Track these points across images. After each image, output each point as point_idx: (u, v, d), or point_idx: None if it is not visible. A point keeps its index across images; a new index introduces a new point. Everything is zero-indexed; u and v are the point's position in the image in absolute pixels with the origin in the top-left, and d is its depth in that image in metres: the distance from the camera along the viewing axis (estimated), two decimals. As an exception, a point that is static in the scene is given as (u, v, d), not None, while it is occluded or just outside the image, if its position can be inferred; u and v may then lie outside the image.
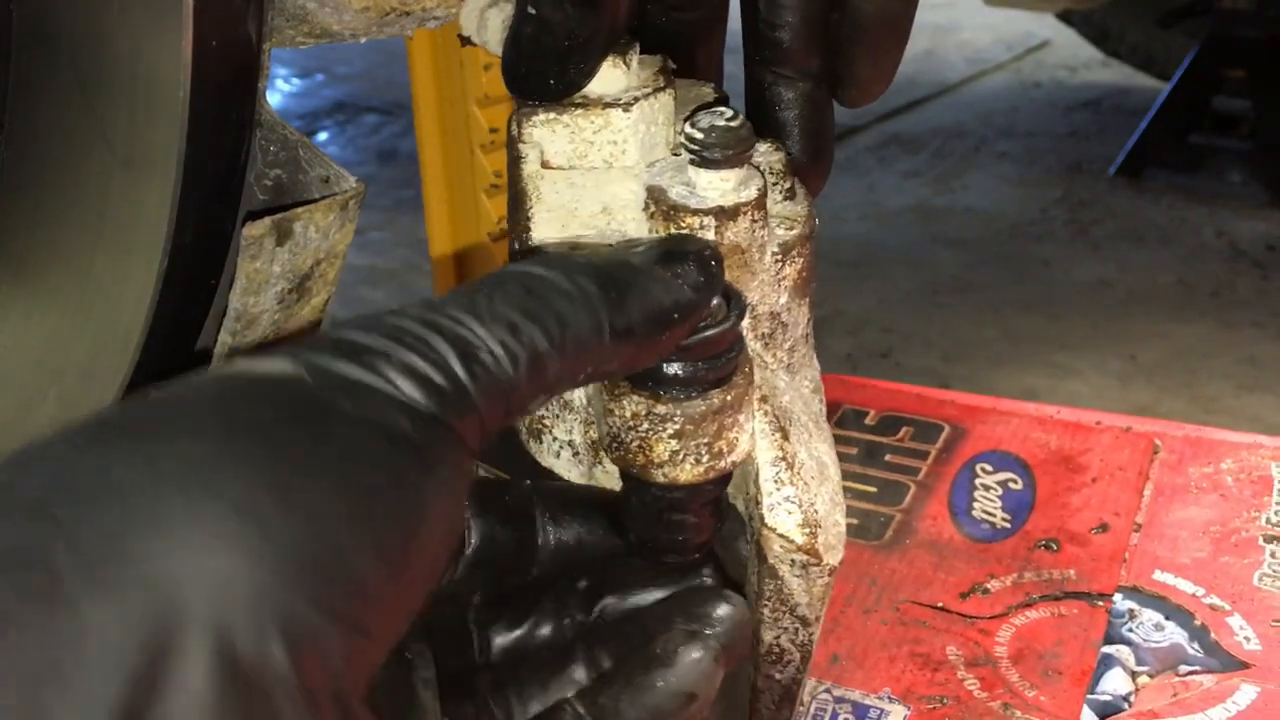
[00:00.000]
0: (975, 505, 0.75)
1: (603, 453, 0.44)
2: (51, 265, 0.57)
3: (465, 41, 0.50)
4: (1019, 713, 0.59)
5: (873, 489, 0.76)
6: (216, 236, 0.53)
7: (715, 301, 0.39)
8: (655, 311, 0.37)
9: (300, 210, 0.54)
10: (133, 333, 0.53)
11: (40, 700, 0.24)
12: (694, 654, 0.39)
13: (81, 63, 0.53)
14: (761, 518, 0.43)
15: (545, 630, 0.43)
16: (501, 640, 0.43)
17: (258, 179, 0.54)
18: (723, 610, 0.40)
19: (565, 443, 0.47)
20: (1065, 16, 3.29)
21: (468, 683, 0.41)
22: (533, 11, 0.43)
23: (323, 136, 3.25)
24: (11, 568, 0.25)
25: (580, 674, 0.41)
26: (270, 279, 0.55)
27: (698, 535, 0.42)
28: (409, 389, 0.31)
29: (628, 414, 0.40)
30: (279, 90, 3.55)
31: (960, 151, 3.12)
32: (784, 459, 0.43)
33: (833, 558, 0.44)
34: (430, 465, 0.31)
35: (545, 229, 0.46)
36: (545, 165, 0.45)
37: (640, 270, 0.38)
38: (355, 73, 3.70)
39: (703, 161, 0.42)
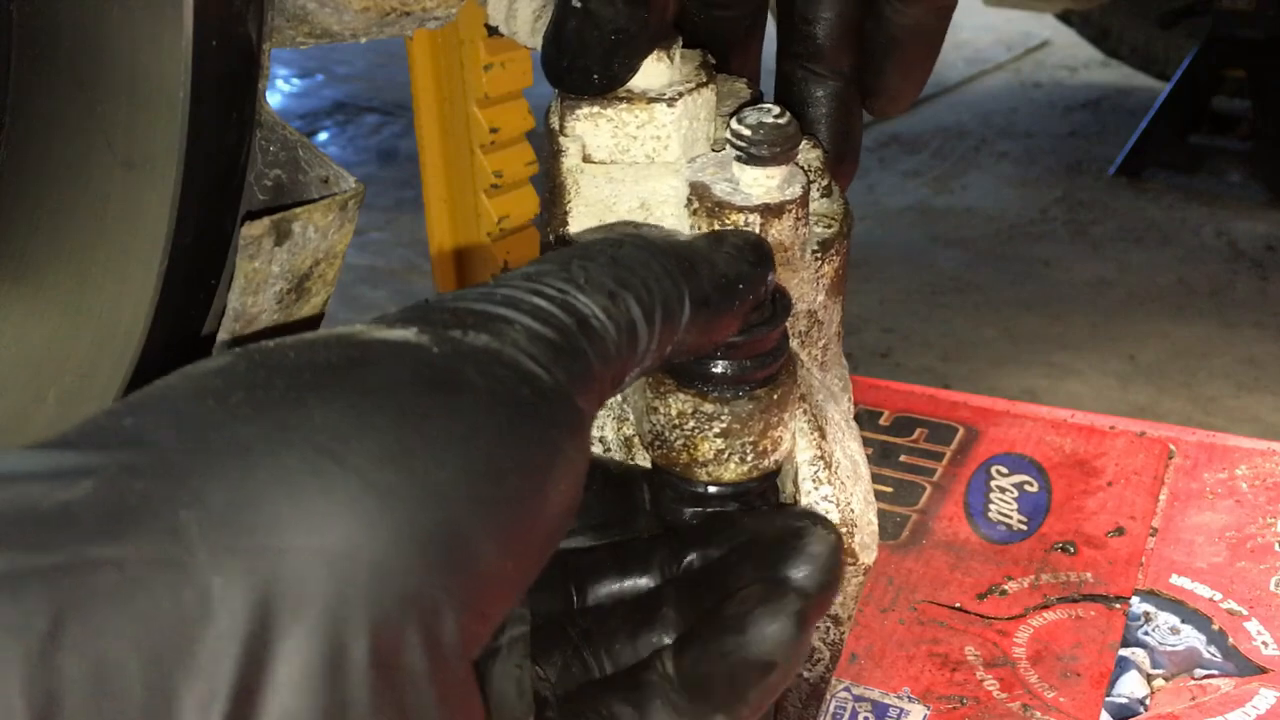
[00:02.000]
0: (991, 507, 0.74)
1: (639, 449, 0.43)
2: (51, 265, 0.56)
3: (493, 31, 0.49)
4: (1039, 713, 0.59)
5: (888, 489, 0.76)
6: (216, 236, 0.52)
7: (770, 278, 0.38)
8: (724, 283, 0.36)
9: (300, 210, 0.54)
10: (133, 332, 0.52)
11: (166, 680, 0.24)
12: (770, 623, 0.36)
13: (81, 63, 0.52)
14: None
15: (641, 581, 0.41)
16: (596, 591, 0.41)
17: (258, 179, 0.54)
18: (809, 554, 0.37)
19: (597, 439, 0.46)
20: (1065, 16, 3.29)
21: (560, 630, 0.40)
22: (578, 4, 0.42)
23: (323, 136, 3.25)
24: (141, 528, 0.24)
25: (671, 620, 0.39)
26: (269, 279, 0.54)
27: None
28: (539, 355, 0.30)
29: (674, 412, 0.40)
30: (279, 90, 3.55)
31: (960, 151, 3.12)
32: (822, 458, 0.43)
33: (867, 557, 0.44)
34: (557, 445, 0.30)
35: (583, 223, 0.46)
36: (587, 159, 0.44)
37: (699, 246, 0.37)
38: (355, 73, 3.69)
39: (750, 158, 0.42)
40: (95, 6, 0.51)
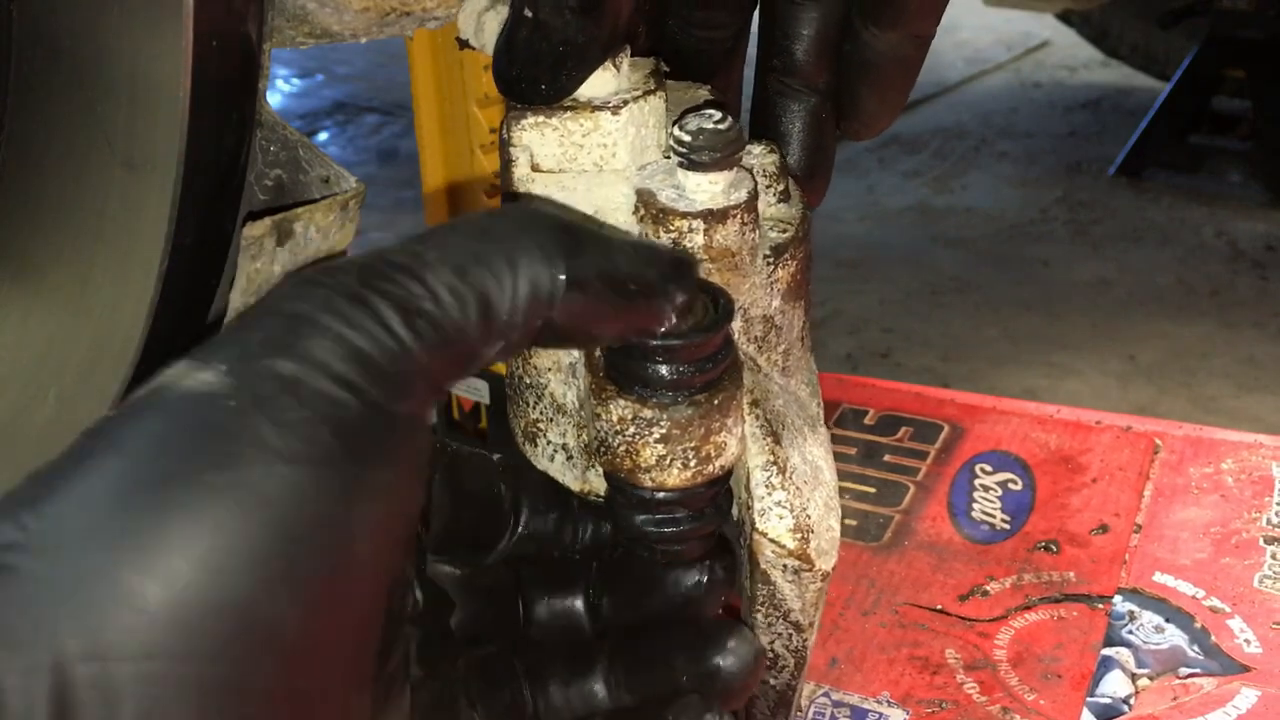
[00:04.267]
0: (975, 506, 0.74)
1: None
2: (52, 265, 0.57)
3: (463, 45, 0.50)
4: (1018, 716, 0.59)
5: (871, 489, 0.76)
6: (217, 236, 0.53)
7: (679, 299, 0.38)
8: (611, 272, 0.36)
9: (301, 210, 0.54)
10: (133, 333, 0.53)
11: None
12: None
13: (81, 63, 0.53)
14: (753, 522, 0.43)
15: (576, 601, 0.43)
16: (541, 610, 0.43)
17: (258, 179, 0.54)
18: (733, 663, 0.40)
19: (559, 446, 0.46)
20: (1065, 16, 3.29)
21: (508, 665, 0.42)
22: (529, 14, 0.42)
23: (323, 136, 3.26)
24: None
25: (599, 686, 0.42)
26: (271, 279, 0.55)
27: (691, 535, 0.42)
28: (348, 374, 0.30)
29: (615, 418, 0.40)
30: (279, 90, 3.56)
31: (960, 151, 3.12)
32: (775, 463, 0.43)
33: (825, 563, 0.43)
34: (363, 479, 0.30)
35: None
36: (535, 169, 0.45)
37: (607, 236, 0.37)
38: (355, 73, 3.70)
39: (691, 164, 0.42)
40: (95, 7, 0.51)
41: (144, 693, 0.27)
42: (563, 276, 0.34)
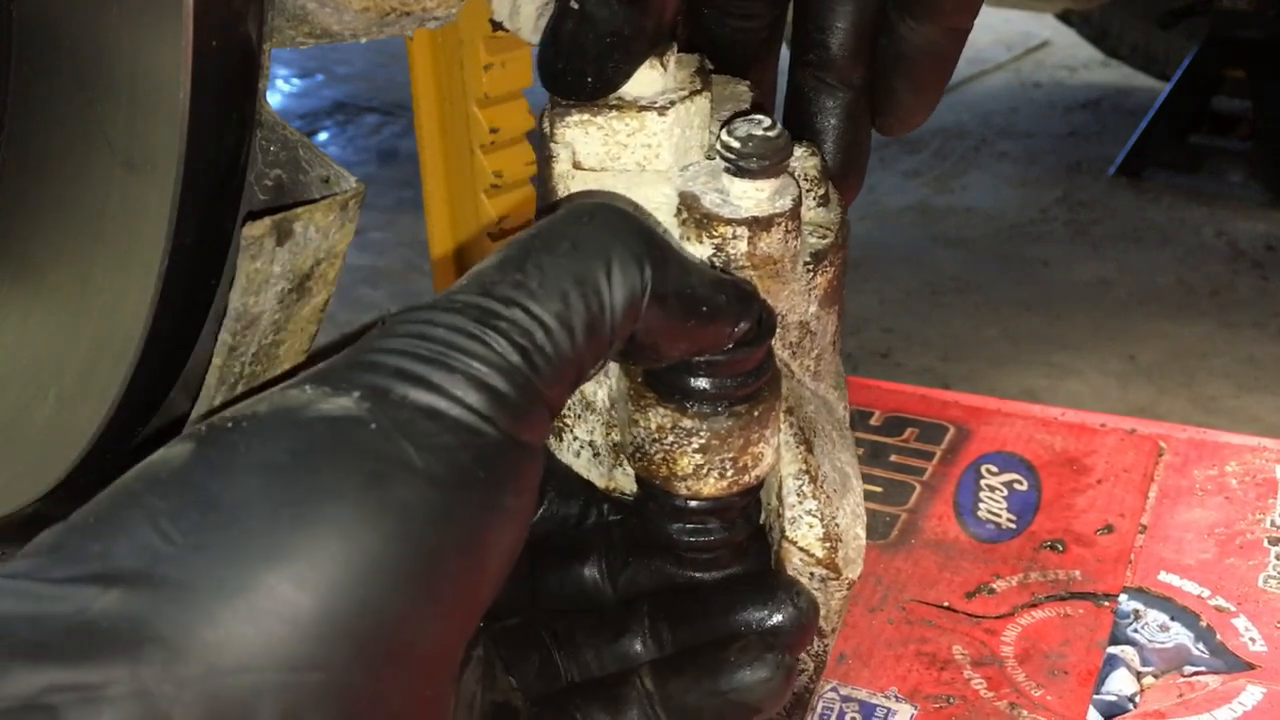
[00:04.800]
0: (981, 506, 0.74)
1: (624, 459, 0.44)
2: (51, 265, 0.57)
3: (497, 27, 0.49)
4: (1025, 712, 0.59)
5: (878, 489, 0.76)
6: (217, 236, 0.53)
7: (743, 329, 0.38)
8: (688, 291, 0.36)
9: (300, 210, 0.54)
10: (133, 333, 0.52)
11: None
12: (764, 673, 0.39)
13: (81, 63, 0.52)
14: (782, 530, 0.43)
15: (590, 570, 0.43)
16: (552, 583, 0.43)
17: (258, 179, 0.54)
18: (790, 614, 0.40)
19: (586, 443, 0.46)
20: (1065, 16, 3.29)
21: (532, 632, 0.42)
22: (575, 6, 0.41)
23: (323, 136, 3.25)
24: (110, 661, 0.26)
25: (638, 646, 0.42)
26: (270, 279, 0.55)
27: (721, 544, 0.42)
28: (482, 407, 0.31)
29: (653, 426, 0.39)
30: (279, 90, 3.56)
31: (960, 151, 3.12)
32: (807, 472, 0.43)
33: (852, 571, 0.43)
34: (498, 505, 0.31)
35: None
36: (577, 166, 0.44)
37: (681, 251, 0.38)
38: (355, 73, 3.70)
39: (739, 171, 0.41)
40: (95, 7, 0.51)
41: (286, 701, 0.27)
42: (650, 292, 0.35)
